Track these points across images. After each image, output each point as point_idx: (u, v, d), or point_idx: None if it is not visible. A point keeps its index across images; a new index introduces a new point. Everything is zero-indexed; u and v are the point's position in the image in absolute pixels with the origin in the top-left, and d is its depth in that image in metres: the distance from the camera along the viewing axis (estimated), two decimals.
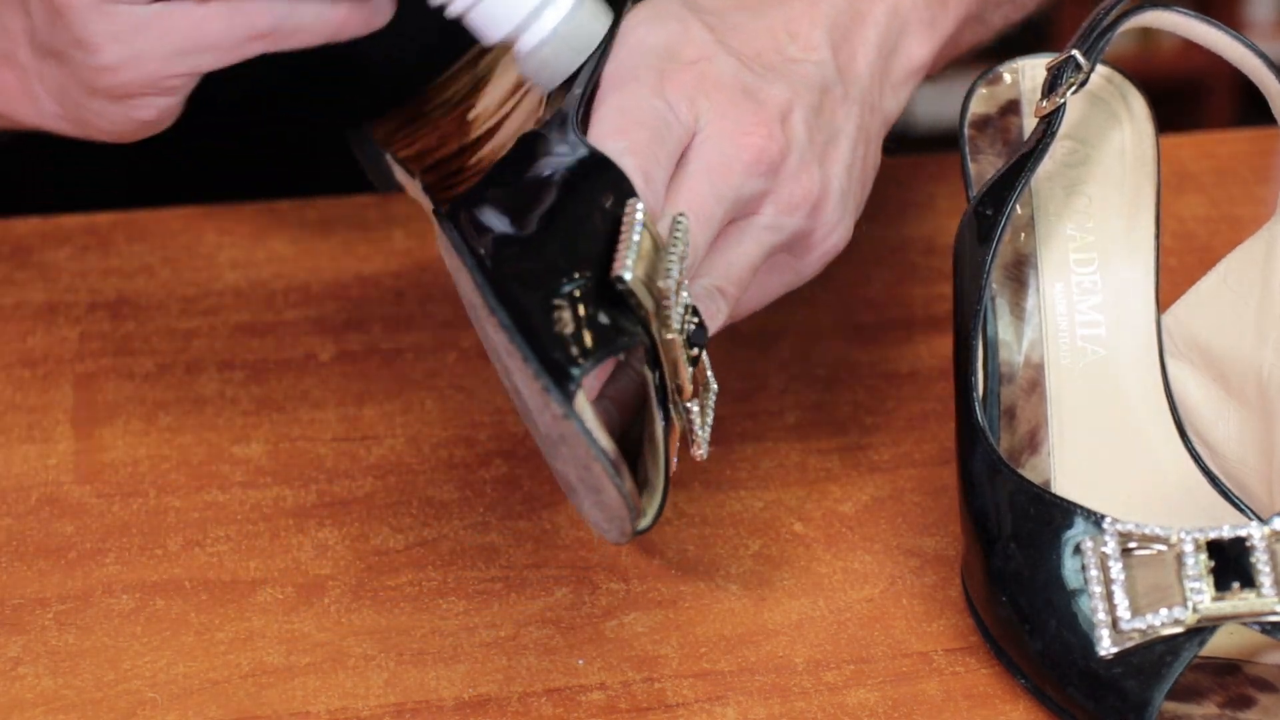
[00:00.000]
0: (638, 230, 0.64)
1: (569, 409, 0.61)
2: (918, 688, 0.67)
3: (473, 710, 0.66)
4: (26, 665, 0.68)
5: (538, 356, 0.62)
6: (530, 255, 0.64)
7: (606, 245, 0.64)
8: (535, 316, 0.63)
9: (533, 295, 0.63)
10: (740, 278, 0.70)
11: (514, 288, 0.63)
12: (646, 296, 0.64)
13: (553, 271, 0.64)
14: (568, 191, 0.66)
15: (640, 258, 0.64)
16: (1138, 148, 0.78)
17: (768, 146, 0.70)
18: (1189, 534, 0.64)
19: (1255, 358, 0.72)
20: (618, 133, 0.68)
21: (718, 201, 0.69)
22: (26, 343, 0.85)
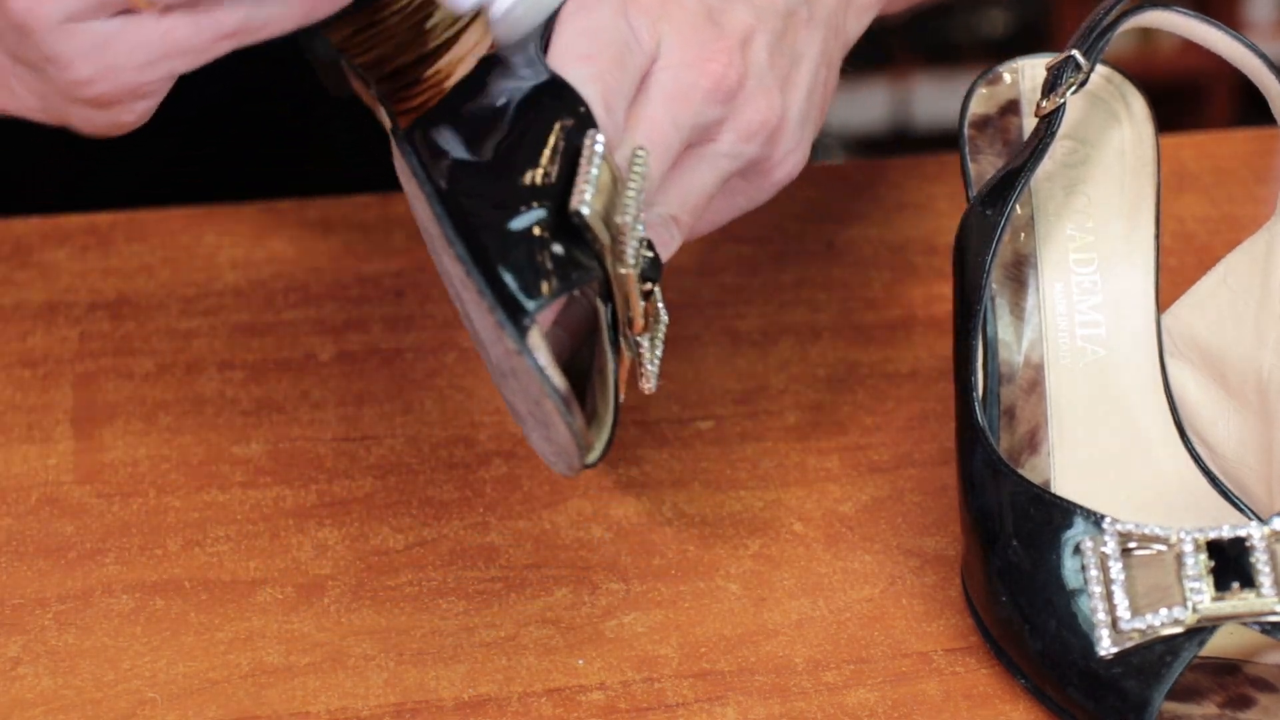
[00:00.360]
0: (596, 163, 0.64)
1: (523, 345, 0.62)
2: (917, 688, 0.67)
3: (472, 710, 0.66)
4: (26, 665, 0.68)
5: (493, 290, 0.62)
6: (488, 184, 0.64)
7: (565, 176, 0.64)
8: (492, 249, 0.63)
9: (490, 227, 0.63)
10: (695, 205, 0.71)
11: (471, 218, 0.64)
12: (603, 231, 0.64)
13: (510, 201, 0.64)
14: (528, 118, 0.66)
15: (599, 192, 0.64)
16: (1137, 148, 0.78)
17: (726, 74, 0.70)
18: (1189, 534, 0.64)
19: (1255, 358, 0.72)
20: (581, 59, 0.68)
21: (676, 130, 0.69)
22: (26, 343, 0.85)
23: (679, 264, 0.90)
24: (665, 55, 0.69)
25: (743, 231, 0.93)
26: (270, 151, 1.01)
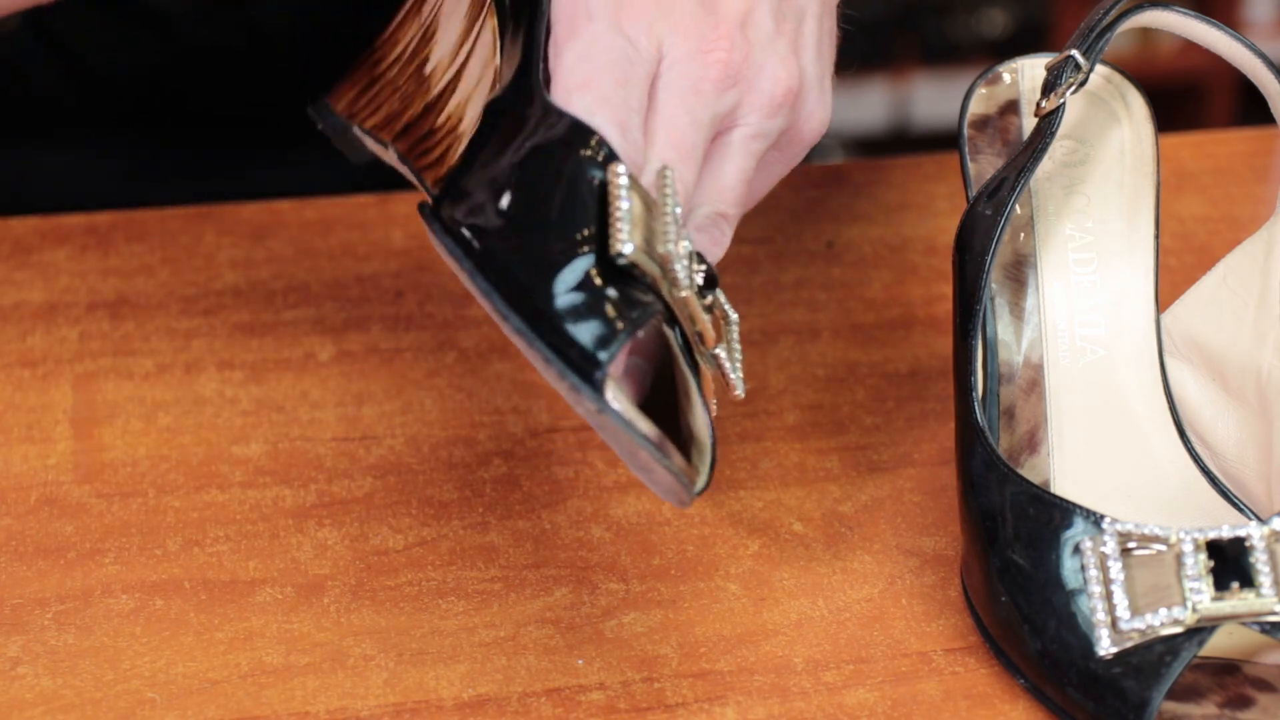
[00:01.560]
0: (624, 196, 0.63)
1: (602, 403, 0.61)
2: (917, 688, 0.67)
3: (472, 710, 0.66)
4: (26, 665, 0.68)
5: (559, 357, 0.61)
6: (524, 245, 0.63)
7: (599, 217, 0.63)
8: (546, 314, 0.62)
9: (538, 290, 0.62)
10: (738, 195, 0.70)
11: (518, 286, 0.63)
12: (650, 264, 0.63)
13: (552, 259, 0.63)
14: (547, 167, 0.65)
15: (634, 225, 0.63)
16: (1137, 147, 0.78)
17: (731, 59, 0.69)
18: (1188, 534, 0.64)
19: (1254, 357, 0.72)
20: (583, 87, 0.67)
21: (696, 129, 0.68)
22: (26, 342, 0.85)
23: None
24: (668, 54, 0.69)
25: (743, 231, 0.93)
26: (270, 151, 1.01)
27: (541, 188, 0.65)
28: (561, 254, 0.63)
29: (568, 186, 0.64)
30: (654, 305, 0.63)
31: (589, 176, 0.64)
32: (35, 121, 1.00)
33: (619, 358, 0.64)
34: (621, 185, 0.63)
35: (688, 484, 0.63)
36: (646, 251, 0.63)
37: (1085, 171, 0.78)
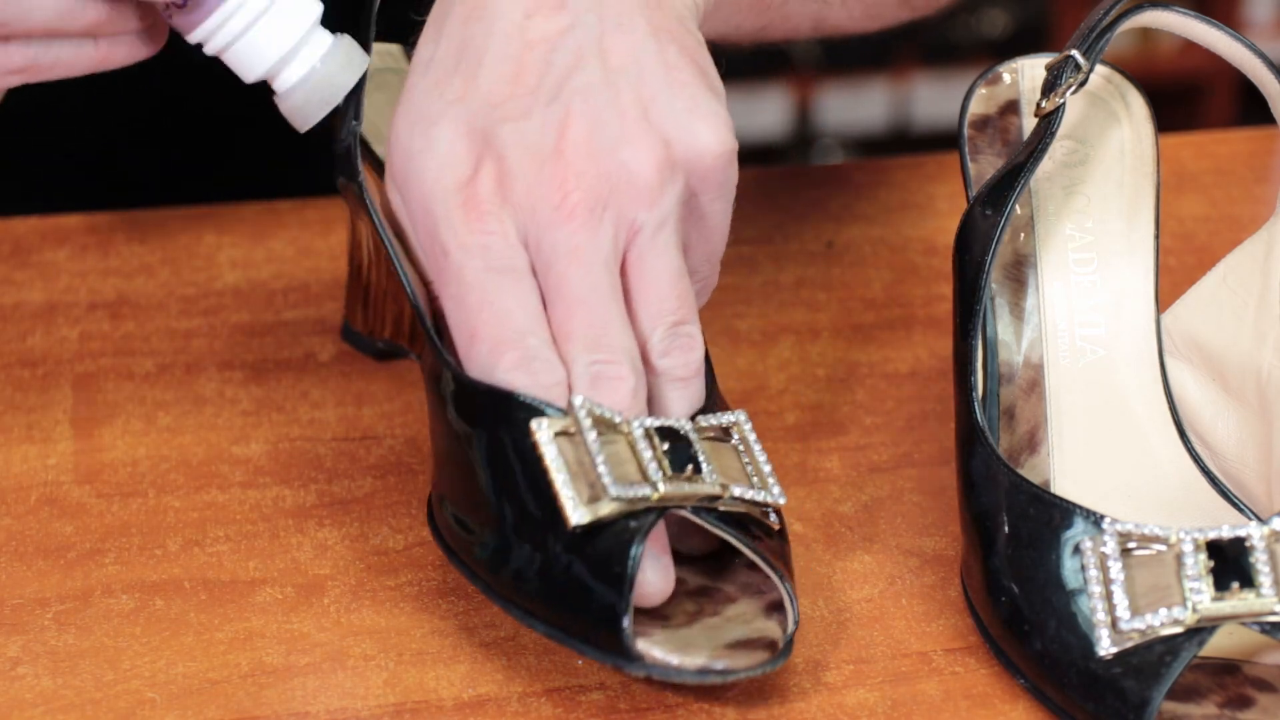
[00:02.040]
0: (552, 456, 0.64)
1: (647, 668, 0.63)
2: (917, 688, 0.67)
3: (472, 710, 0.66)
4: (26, 665, 0.68)
5: (591, 645, 0.64)
6: (509, 545, 0.65)
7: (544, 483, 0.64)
8: (556, 609, 0.64)
9: (536, 595, 0.64)
10: (681, 293, 0.68)
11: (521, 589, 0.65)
12: (612, 506, 0.64)
13: (534, 550, 0.64)
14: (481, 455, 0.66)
15: (576, 480, 0.64)
16: (1137, 148, 0.78)
17: (585, 189, 0.66)
18: (1188, 534, 0.64)
19: (1254, 357, 0.72)
20: (471, 339, 0.66)
21: (595, 289, 0.66)
22: (26, 343, 0.85)
23: None
24: (528, 227, 0.66)
25: (743, 232, 0.93)
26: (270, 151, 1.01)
27: (494, 479, 0.66)
28: (540, 531, 0.64)
29: (504, 470, 0.65)
30: (645, 524, 0.63)
31: (520, 450, 0.65)
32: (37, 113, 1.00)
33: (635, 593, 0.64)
34: (545, 446, 0.64)
35: (766, 663, 0.64)
36: (602, 500, 0.63)
37: (1085, 171, 0.78)
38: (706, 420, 0.67)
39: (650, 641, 0.64)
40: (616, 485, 0.63)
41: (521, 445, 0.65)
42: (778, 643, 0.65)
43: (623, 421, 0.65)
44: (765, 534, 0.67)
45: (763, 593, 0.67)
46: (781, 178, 0.98)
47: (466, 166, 0.67)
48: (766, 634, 0.65)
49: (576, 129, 0.67)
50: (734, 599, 0.67)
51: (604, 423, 0.65)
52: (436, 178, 0.67)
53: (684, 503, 0.64)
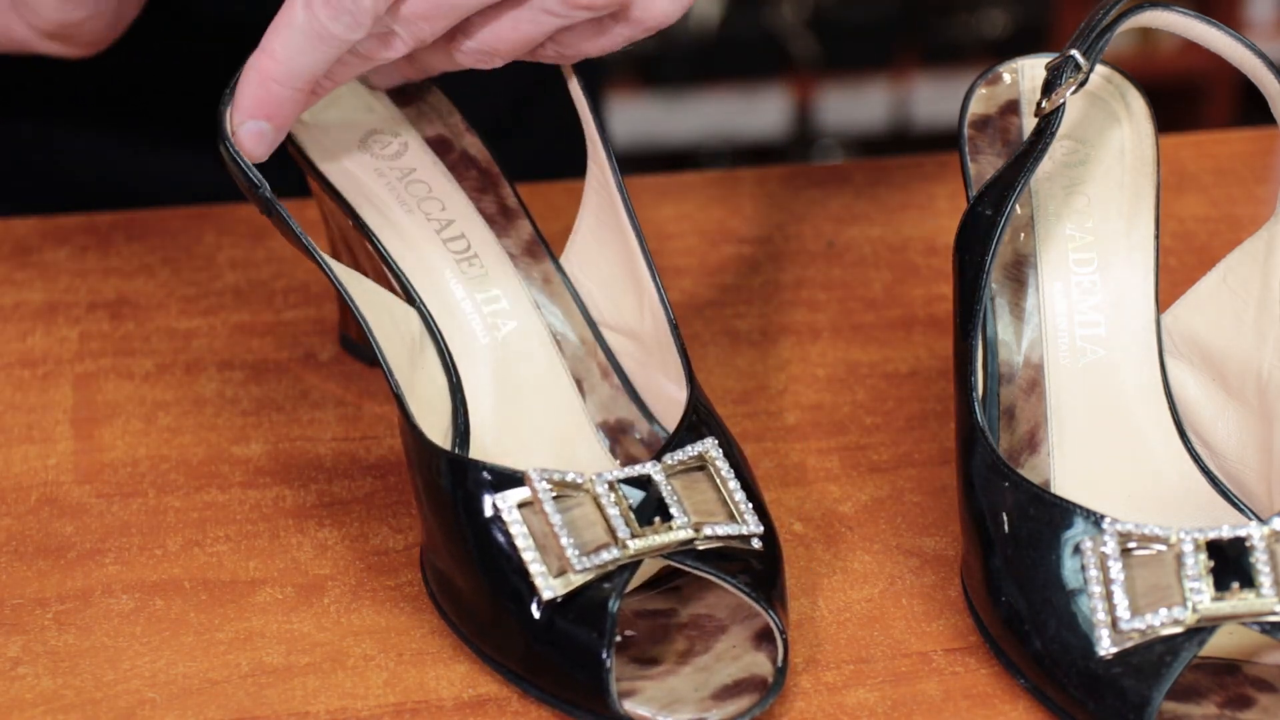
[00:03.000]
0: (519, 532, 0.65)
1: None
2: (917, 688, 0.68)
3: (472, 710, 0.66)
4: (26, 665, 0.68)
5: (580, 709, 0.64)
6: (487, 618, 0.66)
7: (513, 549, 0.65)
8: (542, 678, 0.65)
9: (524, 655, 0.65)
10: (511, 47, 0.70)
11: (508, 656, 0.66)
12: (585, 577, 0.64)
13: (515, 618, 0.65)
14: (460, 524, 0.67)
15: (545, 553, 0.64)
16: (1137, 148, 0.78)
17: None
18: (1188, 534, 0.64)
19: (1254, 357, 0.72)
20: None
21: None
22: (26, 343, 0.85)
23: (679, 264, 0.90)
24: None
25: (743, 231, 0.93)
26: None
27: (462, 546, 0.67)
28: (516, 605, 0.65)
29: (474, 537, 0.66)
30: (619, 584, 0.64)
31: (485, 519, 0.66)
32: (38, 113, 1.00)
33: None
34: (510, 521, 0.65)
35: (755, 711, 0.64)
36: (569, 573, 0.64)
37: (1085, 172, 0.78)
38: (674, 457, 0.67)
39: (638, 701, 0.64)
40: (581, 559, 0.64)
41: (486, 513, 0.66)
42: (767, 679, 0.65)
43: (585, 480, 0.65)
44: (752, 559, 0.66)
45: (752, 616, 0.67)
46: (781, 178, 0.98)
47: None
48: (755, 670, 0.65)
49: None
50: (724, 628, 0.67)
51: (564, 485, 0.65)
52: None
53: (656, 554, 0.65)
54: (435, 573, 0.69)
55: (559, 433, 0.75)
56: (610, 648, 0.63)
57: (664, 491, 0.65)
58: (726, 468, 0.67)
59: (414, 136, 0.80)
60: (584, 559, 0.64)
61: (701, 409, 0.70)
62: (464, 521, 0.66)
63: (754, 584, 0.65)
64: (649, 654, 0.66)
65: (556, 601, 0.64)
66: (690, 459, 0.67)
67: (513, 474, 0.66)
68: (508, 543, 0.65)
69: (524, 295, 0.77)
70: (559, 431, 0.75)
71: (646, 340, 0.75)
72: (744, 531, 0.66)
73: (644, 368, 0.75)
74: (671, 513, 0.65)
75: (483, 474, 0.66)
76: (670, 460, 0.67)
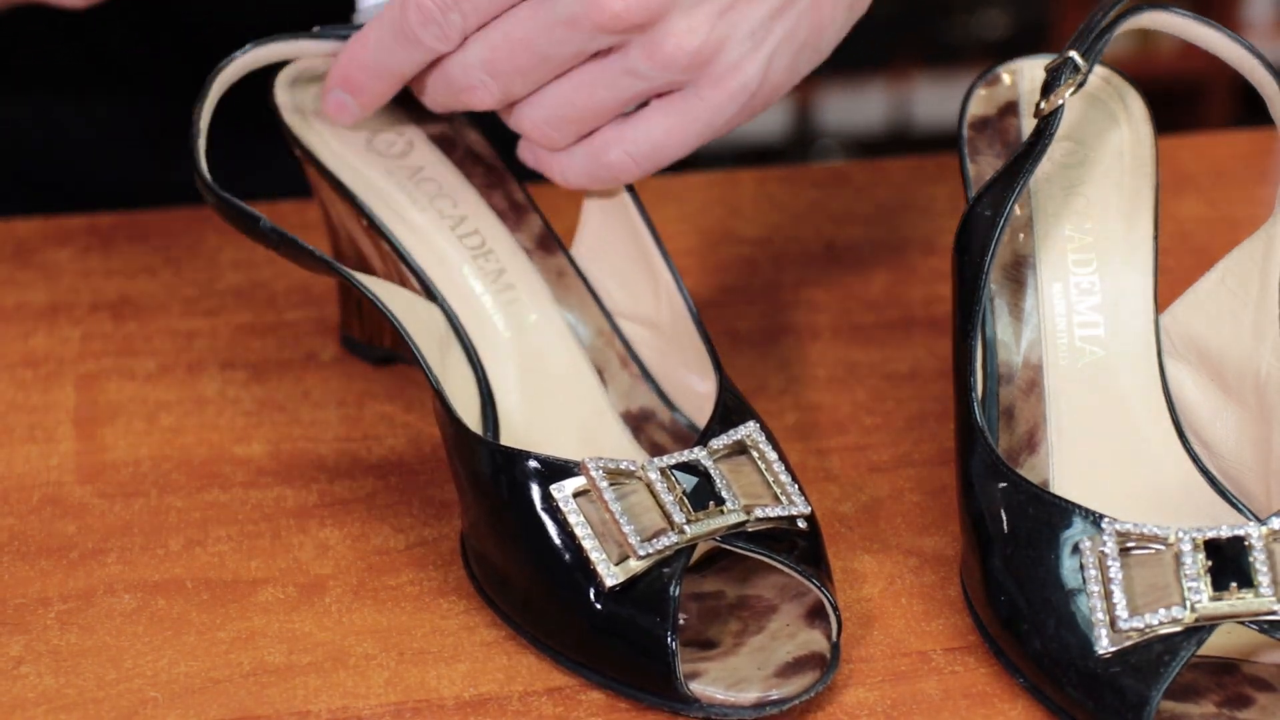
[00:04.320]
0: (577, 521, 0.65)
1: (704, 709, 0.64)
2: (916, 687, 0.68)
3: (473, 709, 0.66)
4: (28, 664, 0.68)
5: (645, 691, 0.64)
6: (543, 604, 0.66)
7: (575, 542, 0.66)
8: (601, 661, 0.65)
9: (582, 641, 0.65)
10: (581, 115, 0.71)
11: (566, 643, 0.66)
12: (643, 563, 0.64)
13: (572, 605, 0.65)
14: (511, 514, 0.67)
15: (604, 540, 0.65)
16: (1136, 149, 0.78)
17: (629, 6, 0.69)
18: (1187, 534, 0.64)
19: (1253, 358, 0.72)
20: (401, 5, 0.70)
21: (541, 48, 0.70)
22: (28, 343, 0.85)
23: (680, 265, 0.90)
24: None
25: (743, 232, 0.93)
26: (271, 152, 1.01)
27: (512, 537, 0.67)
28: (575, 592, 0.65)
29: (528, 527, 0.66)
30: (677, 568, 0.64)
31: (539, 508, 0.66)
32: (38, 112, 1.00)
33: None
34: (569, 510, 0.65)
35: (819, 682, 0.65)
36: (631, 559, 0.65)
37: (1084, 173, 0.78)
38: (719, 442, 0.68)
39: (703, 682, 0.64)
40: (643, 545, 0.64)
41: (540, 503, 0.66)
42: (825, 655, 0.65)
43: (639, 468, 0.66)
44: (798, 538, 0.67)
45: (801, 595, 0.67)
46: (781, 178, 0.98)
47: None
48: (813, 647, 0.66)
49: None
50: (774, 607, 0.67)
51: (619, 474, 0.66)
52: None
53: (711, 537, 0.65)
54: (480, 560, 0.69)
55: (584, 422, 0.75)
56: (675, 631, 0.63)
57: (714, 476, 0.66)
58: (770, 450, 0.68)
59: (418, 134, 0.81)
60: (645, 545, 0.64)
61: (731, 395, 0.71)
62: (516, 512, 0.66)
63: (803, 562, 0.66)
64: (704, 636, 0.66)
65: (617, 589, 0.64)
66: (733, 443, 0.68)
67: (564, 464, 0.66)
68: (564, 532, 0.65)
69: (541, 288, 0.78)
70: (584, 421, 0.76)
71: (665, 329, 0.75)
72: (791, 512, 0.67)
73: (663, 356, 0.76)
74: (723, 496, 0.66)
75: (532, 464, 0.66)
76: (715, 445, 0.68)
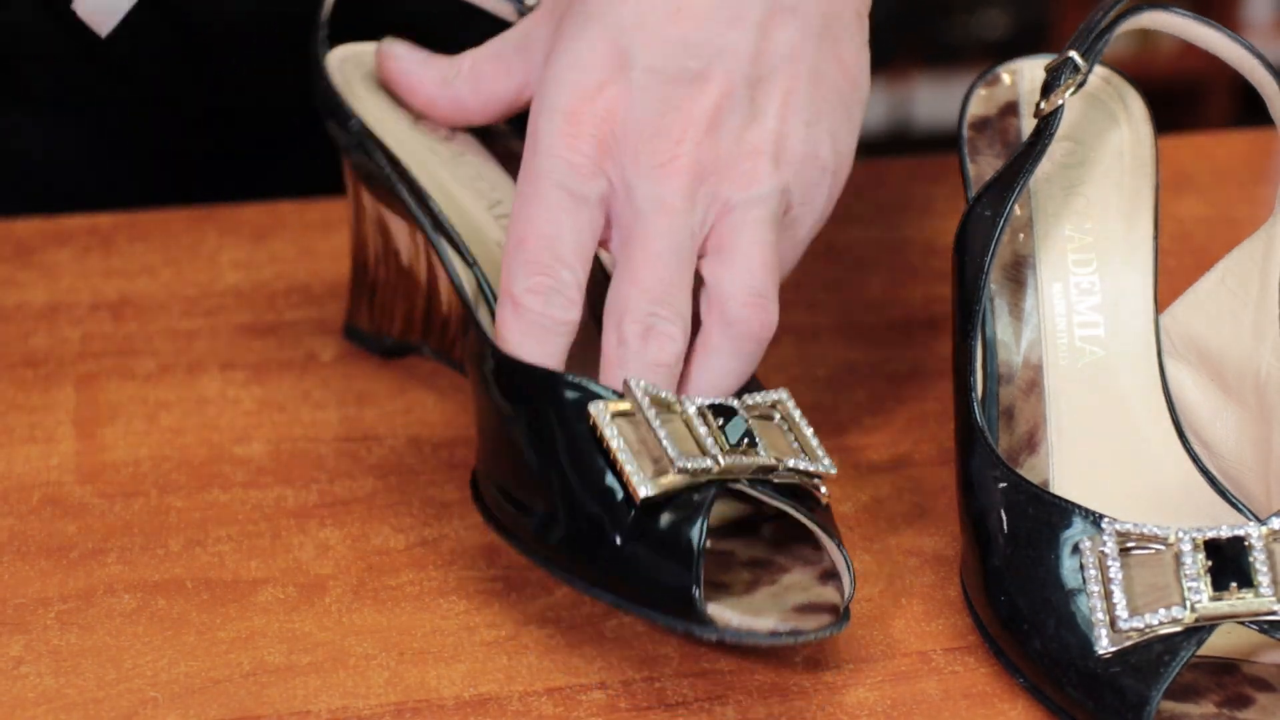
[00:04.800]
0: (613, 435, 0.65)
1: (720, 633, 0.64)
2: (916, 687, 0.68)
3: (473, 709, 0.66)
4: (29, 664, 0.68)
5: (659, 611, 0.64)
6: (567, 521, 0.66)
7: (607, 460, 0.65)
8: (623, 576, 0.65)
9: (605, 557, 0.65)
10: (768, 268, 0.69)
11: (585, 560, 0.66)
12: (678, 478, 0.65)
13: (599, 520, 0.65)
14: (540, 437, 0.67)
15: (639, 455, 0.65)
16: (1136, 149, 0.78)
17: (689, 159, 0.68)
18: (1187, 534, 0.64)
19: (1253, 358, 0.72)
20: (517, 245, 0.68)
21: (673, 244, 0.68)
22: (28, 343, 0.85)
23: None
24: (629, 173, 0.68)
25: None
26: (272, 152, 1.01)
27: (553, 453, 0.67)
28: (604, 508, 0.65)
29: (573, 443, 0.66)
30: (707, 497, 0.65)
31: (571, 428, 0.66)
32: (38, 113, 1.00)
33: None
34: (606, 425, 0.65)
35: (833, 625, 0.65)
36: (668, 472, 0.65)
37: (1084, 173, 0.78)
38: (753, 399, 0.68)
39: (720, 607, 0.65)
40: (682, 458, 0.64)
41: (571, 424, 0.66)
42: (838, 607, 0.66)
43: (676, 401, 0.66)
44: (816, 505, 0.68)
45: (814, 563, 0.68)
46: None
47: (594, 77, 0.69)
48: (826, 599, 0.66)
49: (707, 96, 0.69)
50: (787, 569, 0.68)
51: (660, 402, 0.66)
52: (562, 72, 0.69)
53: (742, 474, 0.66)
54: (498, 489, 0.69)
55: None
56: (700, 557, 0.63)
57: (748, 422, 0.67)
58: (798, 415, 0.69)
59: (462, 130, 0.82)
60: (683, 459, 0.64)
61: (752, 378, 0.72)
62: (548, 429, 0.66)
63: (820, 521, 0.67)
64: (719, 580, 0.67)
65: (647, 503, 0.64)
66: (765, 404, 0.69)
67: (603, 390, 0.66)
68: (600, 448, 0.65)
69: None
70: None
71: None
72: (819, 470, 0.67)
73: None
74: (756, 441, 0.66)
75: (566, 380, 0.67)
76: (749, 401, 0.68)
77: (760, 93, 0.70)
